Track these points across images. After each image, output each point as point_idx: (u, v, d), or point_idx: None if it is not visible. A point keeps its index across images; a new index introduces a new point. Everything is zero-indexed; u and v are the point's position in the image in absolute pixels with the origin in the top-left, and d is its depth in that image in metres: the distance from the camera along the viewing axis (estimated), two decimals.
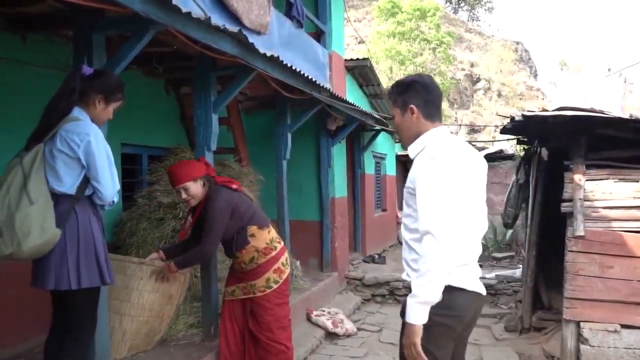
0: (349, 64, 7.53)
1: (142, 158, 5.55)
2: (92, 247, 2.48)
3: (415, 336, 1.96)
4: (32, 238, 2.30)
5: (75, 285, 2.42)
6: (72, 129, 2.44)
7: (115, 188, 2.53)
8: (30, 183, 2.36)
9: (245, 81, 4.01)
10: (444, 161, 2.04)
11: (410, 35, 28.10)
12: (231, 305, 3.61)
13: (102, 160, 2.46)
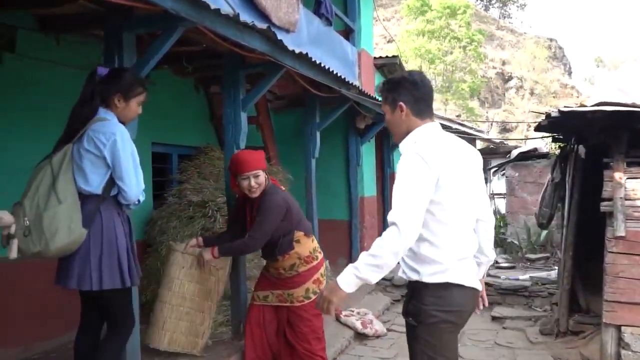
0: (378, 61, 7.45)
1: (172, 157, 5.60)
2: (114, 249, 2.49)
3: (335, 296, 2.04)
4: (59, 237, 2.33)
5: (96, 287, 2.43)
6: (98, 129, 2.46)
7: (140, 188, 2.53)
8: (58, 183, 2.38)
9: (274, 79, 3.99)
10: (429, 158, 2.03)
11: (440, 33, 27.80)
12: (261, 311, 3.51)
13: (127, 160, 2.47)
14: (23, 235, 2.32)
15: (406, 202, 1.97)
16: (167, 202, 4.99)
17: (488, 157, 12.01)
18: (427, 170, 2.01)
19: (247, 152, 3.39)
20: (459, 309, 2.14)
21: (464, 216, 2.15)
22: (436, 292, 2.10)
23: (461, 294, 2.12)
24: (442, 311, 2.08)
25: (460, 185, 2.12)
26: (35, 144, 3.74)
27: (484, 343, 5.18)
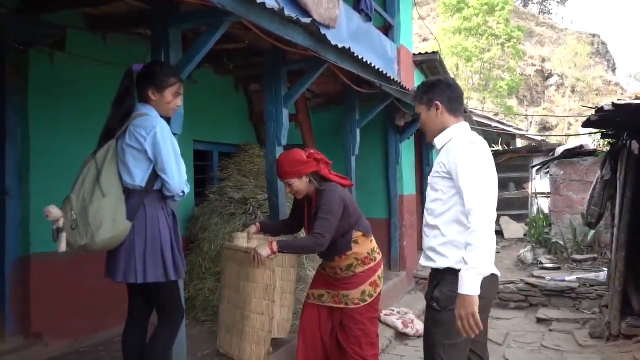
0: (418, 58, 7.33)
1: (212, 155, 5.64)
2: (158, 242, 2.50)
3: (474, 306, 2.03)
4: (104, 230, 2.36)
5: (140, 279, 2.45)
6: (139, 124, 2.49)
7: (183, 179, 2.53)
8: (102, 176, 2.42)
9: (316, 74, 3.96)
10: (482, 148, 2.23)
11: (478, 30, 27.30)
12: (315, 310, 3.39)
13: (168, 152, 2.48)
14: (71, 228, 2.37)
15: (482, 187, 2.12)
16: (208, 200, 5.04)
17: (530, 155, 11.70)
18: (483, 155, 2.20)
19: (281, 161, 3.24)
20: (485, 297, 2.14)
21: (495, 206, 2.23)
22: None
23: (488, 282, 2.14)
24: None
25: (495, 176, 2.25)
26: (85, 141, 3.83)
27: (529, 345, 5.03)
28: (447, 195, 2.22)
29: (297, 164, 3.15)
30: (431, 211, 2.32)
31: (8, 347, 3.43)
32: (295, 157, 3.18)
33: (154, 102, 2.59)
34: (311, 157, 3.20)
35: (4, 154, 3.49)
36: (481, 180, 2.13)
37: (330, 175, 3.25)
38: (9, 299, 3.48)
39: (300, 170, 3.15)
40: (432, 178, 2.32)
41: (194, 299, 4.54)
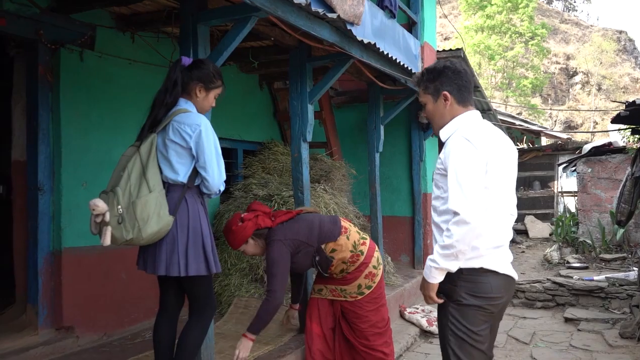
0: (442, 55, 7.26)
1: (237, 152, 5.68)
2: (199, 236, 2.53)
3: (430, 291, 2.16)
4: (151, 225, 2.39)
5: (183, 272, 2.48)
6: (183, 120, 2.51)
7: (222, 178, 2.56)
8: (148, 171, 2.45)
9: (341, 70, 3.96)
10: (479, 144, 2.06)
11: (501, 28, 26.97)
12: (317, 304, 3.46)
13: (211, 151, 2.50)
14: (117, 222, 2.38)
15: (465, 188, 2.00)
16: (233, 196, 5.08)
17: (555, 153, 11.51)
18: (477, 153, 2.04)
19: (225, 235, 3.22)
20: (492, 296, 2.13)
21: (504, 204, 2.16)
22: (470, 277, 2.12)
23: (495, 281, 2.13)
24: (473, 296, 2.11)
25: (503, 173, 2.14)
26: (114, 137, 3.92)
27: (557, 345, 4.94)
28: (446, 192, 2.09)
29: (236, 233, 3.14)
30: (434, 208, 2.25)
31: (41, 340, 3.51)
32: (230, 228, 3.16)
33: (198, 99, 2.62)
34: (246, 219, 3.16)
35: (37, 150, 3.57)
36: (464, 182, 2.00)
37: (273, 222, 3.22)
38: (42, 292, 3.56)
39: (243, 237, 3.14)
40: (434, 174, 2.24)
41: (220, 295, 4.58)
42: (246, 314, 4.27)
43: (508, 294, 2.22)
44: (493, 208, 2.10)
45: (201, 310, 2.71)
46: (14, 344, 3.39)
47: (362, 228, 5.53)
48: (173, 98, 2.57)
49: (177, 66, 2.62)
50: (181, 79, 2.59)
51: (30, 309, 3.60)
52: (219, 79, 2.69)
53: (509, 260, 2.21)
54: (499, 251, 2.15)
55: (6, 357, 3.26)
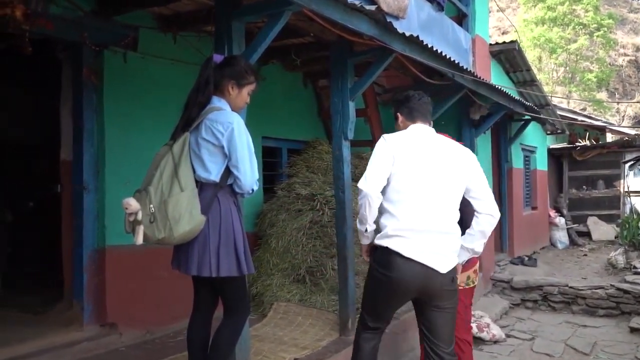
0: (494, 48, 6.96)
1: (281, 151, 5.65)
2: (231, 236, 2.48)
3: (363, 251, 2.75)
4: (182, 224, 2.35)
5: (215, 273, 2.43)
6: (216, 119, 2.47)
7: (255, 177, 2.49)
8: (180, 170, 2.41)
9: (383, 65, 3.82)
10: (390, 141, 2.59)
11: (563, 20, 25.72)
12: None
13: (243, 149, 2.45)
14: (149, 221, 2.37)
15: (368, 170, 2.55)
16: (276, 196, 5.04)
17: (622, 150, 10.82)
18: (385, 146, 2.57)
19: None
20: (392, 275, 2.46)
21: (423, 194, 2.49)
22: (378, 253, 2.54)
23: (398, 262, 2.44)
24: (379, 271, 2.53)
25: (420, 166, 2.53)
26: (156, 137, 3.92)
27: (621, 357, 4.59)
28: None
29: None
30: None
31: (85, 335, 3.59)
32: None
33: (231, 96, 2.58)
34: None
35: (82, 150, 3.66)
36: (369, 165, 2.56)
37: None
38: (86, 289, 3.64)
39: None
40: None
41: (262, 295, 4.54)
42: (285, 319, 4.21)
43: (419, 280, 2.45)
44: (407, 192, 2.49)
45: (234, 311, 2.65)
46: (60, 339, 3.49)
47: None
48: (206, 97, 2.53)
49: (208, 64, 2.57)
50: (213, 77, 2.55)
51: (76, 304, 3.69)
52: (252, 75, 2.63)
53: (426, 249, 2.44)
54: (416, 236, 2.44)
55: (52, 351, 3.35)
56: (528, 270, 7.33)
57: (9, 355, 3.20)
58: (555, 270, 7.82)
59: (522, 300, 6.47)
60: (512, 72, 7.75)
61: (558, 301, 6.25)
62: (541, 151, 9.91)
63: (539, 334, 5.31)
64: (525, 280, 6.50)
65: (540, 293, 6.38)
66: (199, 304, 2.74)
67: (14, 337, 3.44)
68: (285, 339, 3.84)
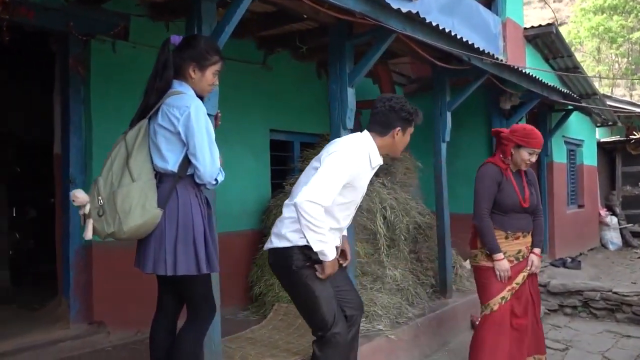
0: (529, 32, 6.44)
1: (293, 145, 5.41)
2: (190, 232, 2.27)
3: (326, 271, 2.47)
4: (133, 217, 2.18)
5: (170, 271, 2.24)
6: (173, 103, 2.27)
7: (215, 166, 2.27)
8: (132, 160, 2.24)
9: (382, 46, 3.50)
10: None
11: (624, 8, 24.19)
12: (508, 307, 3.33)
13: (202, 135, 2.23)
14: (97, 215, 2.22)
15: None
16: (284, 191, 4.80)
17: None
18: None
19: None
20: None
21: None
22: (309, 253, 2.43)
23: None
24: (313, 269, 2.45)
25: None
26: None
27: None
28: None
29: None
30: None
31: (72, 333, 3.48)
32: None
33: (194, 80, 2.37)
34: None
35: (69, 143, 3.55)
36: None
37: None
38: (73, 285, 3.54)
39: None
40: None
41: (265, 295, 4.33)
42: (285, 320, 3.98)
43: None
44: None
45: (196, 313, 2.44)
46: (45, 337, 3.40)
47: (428, 226, 5.00)
48: (164, 82, 2.32)
49: (165, 46, 2.37)
50: (172, 61, 2.34)
51: (64, 302, 3.60)
52: (215, 54, 2.39)
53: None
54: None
55: (36, 348, 3.26)
56: (570, 273, 6.74)
57: None
58: (603, 273, 7.18)
59: (560, 306, 5.92)
60: (551, 58, 7.15)
61: (600, 308, 5.67)
62: (589, 145, 9.16)
63: (575, 344, 4.80)
64: (563, 284, 5.95)
65: (580, 298, 5.82)
66: (162, 304, 2.55)
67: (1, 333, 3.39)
68: (280, 342, 3.62)
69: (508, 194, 3.28)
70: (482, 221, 3.26)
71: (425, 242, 4.98)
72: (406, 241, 4.72)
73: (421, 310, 4.32)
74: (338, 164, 2.35)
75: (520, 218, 3.33)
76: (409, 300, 4.36)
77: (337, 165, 2.34)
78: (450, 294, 4.77)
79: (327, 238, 2.33)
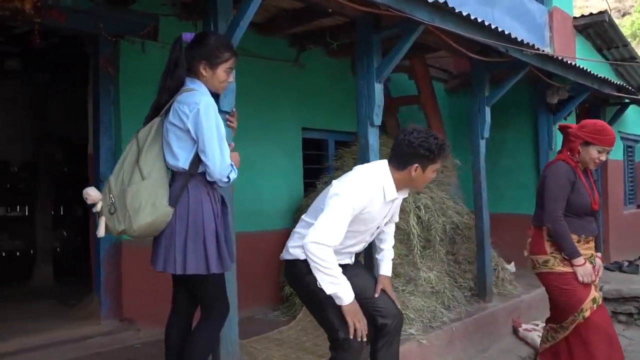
0: (579, 22, 6.06)
1: (327, 143, 5.32)
2: (200, 230, 2.24)
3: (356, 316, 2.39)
4: (142, 215, 2.16)
5: (180, 270, 2.22)
6: (184, 100, 2.25)
7: (226, 163, 2.22)
8: (142, 158, 2.23)
9: (409, 39, 3.35)
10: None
11: None
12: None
13: (211, 132, 2.19)
14: (109, 212, 2.23)
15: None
16: (316, 190, 4.73)
17: None
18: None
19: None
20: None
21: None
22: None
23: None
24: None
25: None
26: None
27: None
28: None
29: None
30: None
31: (102, 330, 3.55)
32: None
33: (205, 78, 2.34)
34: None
35: (99, 142, 3.62)
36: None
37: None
38: (104, 283, 3.61)
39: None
40: None
41: (295, 295, 4.25)
42: (314, 322, 3.85)
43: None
44: None
45: (208, 313, 2.41)
46: (75, 332, 3.49)
47: (467, 226, 4.80)
48: (175, 81, 2.30)
49: (176, 44, 2.35)
50: (184, 59, 2.32)
51: (96, 299, 3.67)
52: (226, 51, 2.35)
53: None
54: None
55: (65, 344, 3.34)
56: (627, 278, 6.31)
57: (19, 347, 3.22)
58: None
59: (614, 313, 5.54)
60: (605, 49, 6.71)
61: None
62: None
63: (628, 355, 4.45)
64: (617, 290, 5.57)
65: (636, 305, 5.44)
66: (177, 304, 2.56)
67: (32, 328, 3.49)
68: (307, 344, 3.56)
69: (582, 195, 3.03)
70: (557, 223, 2.98)
71: (464, 244, 4.77)
72: (442, 242, 4.54)
73: (457, 314, 4.13)
74: (342, 205, 2.28)
75: (590, 221, 3.12)
76: (445, 304, 4.18)
77: (341, 206, 2.28)
78: (490, 297, 4.54)
79: (339, 280, 2.26)
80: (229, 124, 2.62)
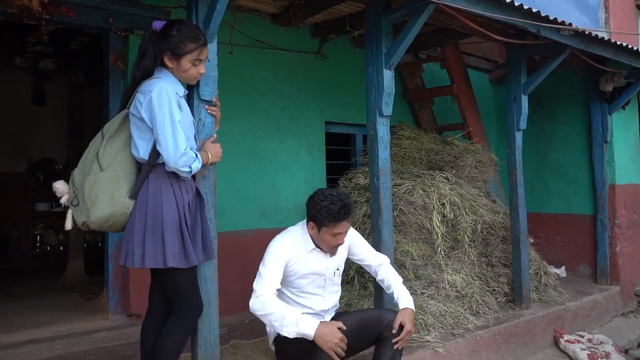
0: None
1: (355, 138, 5.10)
2: (159, 222, 2.15)
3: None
4: (99, 207, 2.14)
5: (138, 264, 2.15)
6: (141, 89, 2.20)
7: (179, 151, 2.11)
8: (102, 149, 2.19)
9: (418, 20, 3.05)
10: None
11: None
12: None
13: (163, 119, 2.11)
14: (72, 204, 2.22)
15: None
16: (335, 185, 4.53)
17: None
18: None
19: None
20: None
21: None
22: None
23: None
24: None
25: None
26: None
27: None
28: None
29: None
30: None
31: (109, 324, 3.55)
32: None
33: (171, 69, 2.28)
34: None
35: None
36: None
37: None
38: (112, 277, 3.60)
39: None
40: None
41: None
42: None
43: None
44: None
45: (179, 310, 2.33)
46: (84, 326, 3.51)
47: (502, 226, 4.41)
48: (141, 72, 2.25)
49: (147, 34, 2.28)
50: (152, 49, 2.24)
51: (105, 293, 3.68)
52: (191, 42, 2.24)
53: None
54: None
55: (71, 337, 3.36)
56: None
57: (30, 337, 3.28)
58: None
59: None
60: None
61: None
62: None
63: None
64: None
65: None
66: (151, 301, 2.52)
67: (46, 320, 3.56)
68: None
69: None
70: None
71: (500, 245, 4.38)
72: (473, 243, 4.19)
73: (485, 321, 3.78)
74: (267, 257, 2.55)
75: None
76: (473, 309, 3.85)
77: (266, 258, 2.54)
78: (527, 304, 4.13)
79: (291, 318, 2.35)
80: (212, 113, 2.50)
